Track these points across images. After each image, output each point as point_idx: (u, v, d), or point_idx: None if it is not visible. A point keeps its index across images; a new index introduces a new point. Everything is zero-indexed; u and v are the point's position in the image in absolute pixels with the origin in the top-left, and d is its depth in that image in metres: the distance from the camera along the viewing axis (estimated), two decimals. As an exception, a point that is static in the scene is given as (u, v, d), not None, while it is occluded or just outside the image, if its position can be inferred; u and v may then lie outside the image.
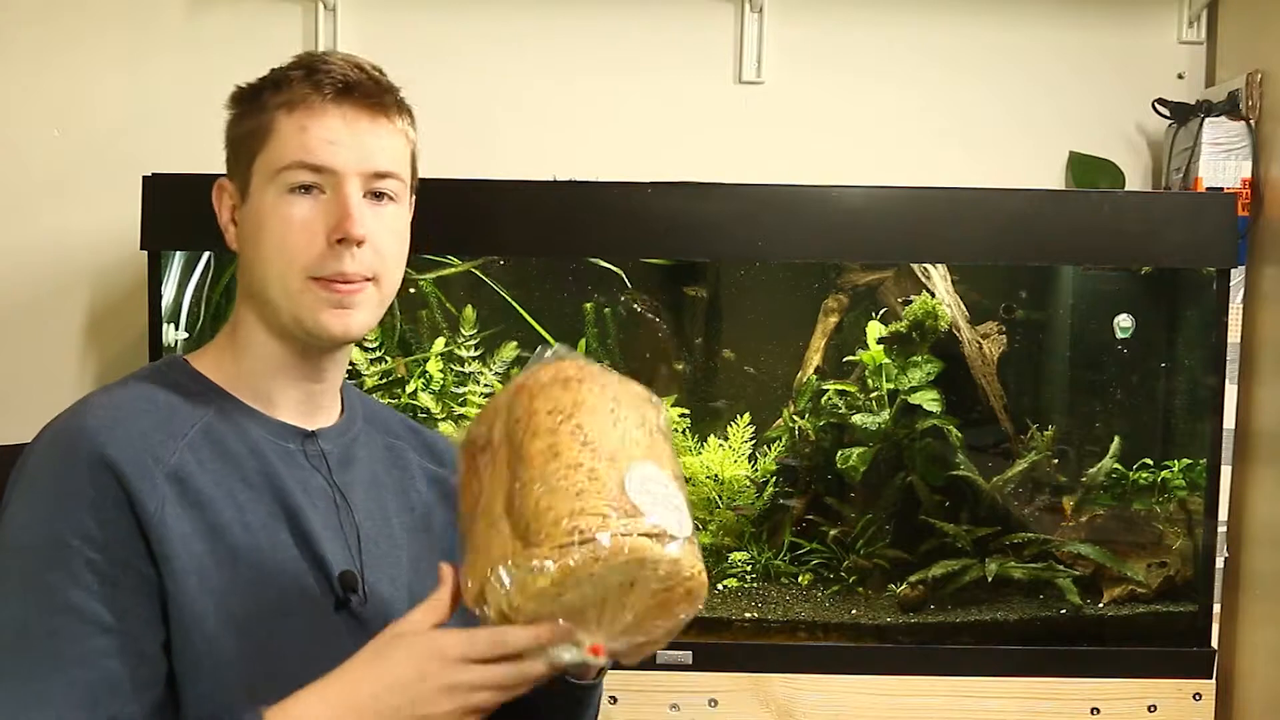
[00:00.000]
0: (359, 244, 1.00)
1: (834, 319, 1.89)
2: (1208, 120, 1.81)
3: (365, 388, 1.77)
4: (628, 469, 0.88)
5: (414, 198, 1.12)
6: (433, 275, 1.82)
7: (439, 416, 1.80)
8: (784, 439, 1.86)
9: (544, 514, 0.85)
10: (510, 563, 0.85)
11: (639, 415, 0.94)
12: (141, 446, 0.96)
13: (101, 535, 0.92)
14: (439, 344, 1.84)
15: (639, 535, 0.84)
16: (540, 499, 0.86)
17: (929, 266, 1.84)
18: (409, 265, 1.09)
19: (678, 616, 0.89)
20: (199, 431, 1.00)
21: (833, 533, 1.85)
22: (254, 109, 1.04)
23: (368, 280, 1.02)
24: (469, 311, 1.83)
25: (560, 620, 0.86)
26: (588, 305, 1.86)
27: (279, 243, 1.01)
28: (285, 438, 1.05)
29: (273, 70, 1.06)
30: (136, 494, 0.93)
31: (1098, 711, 1.72)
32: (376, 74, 1.05)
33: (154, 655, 0.94)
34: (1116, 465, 1.85)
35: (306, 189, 1.01)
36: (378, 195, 1.03)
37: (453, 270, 1.81)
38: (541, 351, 0.97)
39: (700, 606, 0.90)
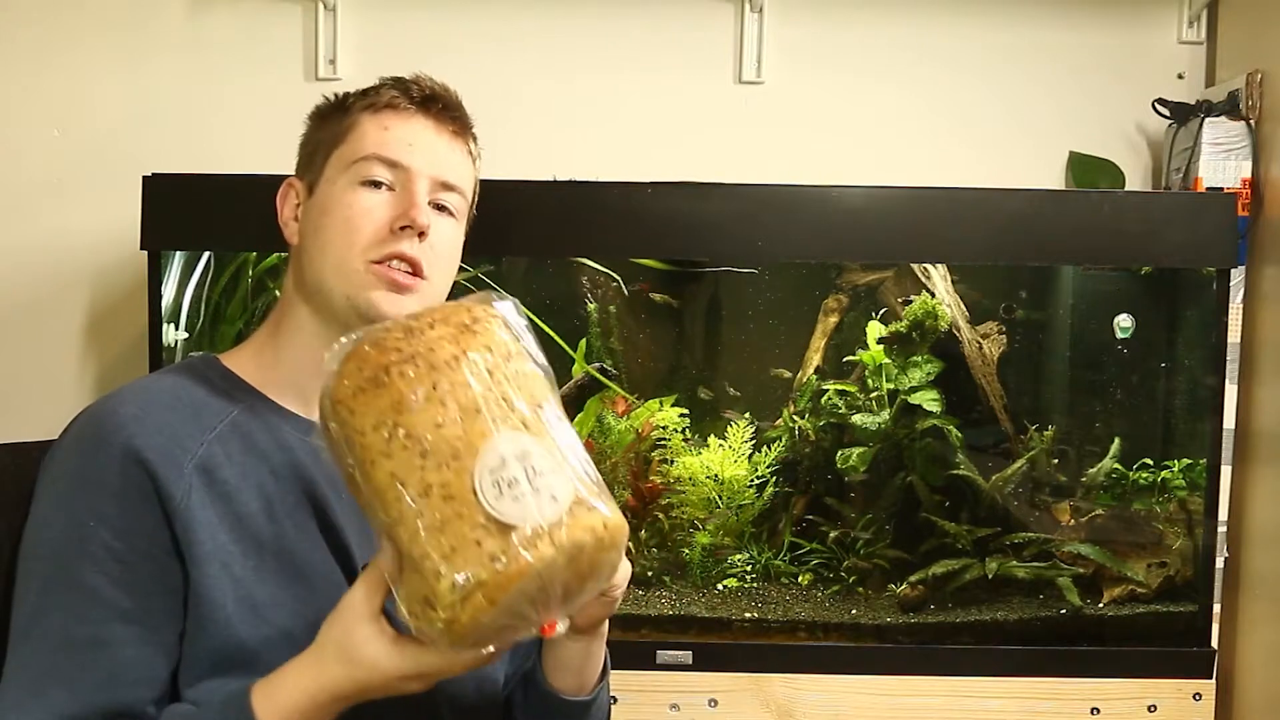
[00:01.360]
0: (420, 235, 1.04)
1: (834, 319, 1.89)
2: (1208, 120, 1.81)
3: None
4: (476, 468, 0.80)
5: (468, 233, 1.15)
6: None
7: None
8: (784, 439, 1.86)
9: (423, 565, 0.80)
10: (420, 617, 0.82)
11: (467, 366, 0.85)
12: (170, 438, 0.97)
13: (124, 523, 0.94)
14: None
15: (520, 555, 0.79)
16: (412, 548, 0.80)
17: (929, 266, 1.84)
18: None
19: (610, 562, 0.86)
20: (228, 425, 1.02)
21: (833, 533, 1.85)
22: (338, 113, 1.09)
23: (423, 277, 1.05)
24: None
25: (501, 634, 0.84)
26: (591, 306, 1.87)
27: (343, 227, 1.04)
28: (314, 435, 1.06)
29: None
30: (163, 484, 0.95)
31: (1098, 711, 1.72)
32: (459, 99, 1.12)
33: (169, 645, 0.95)
34: (1116, 465, 1.85)
35: (377, 185, 1.05)
36: (440, 207, 1.07)
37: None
38: (331, 355, 0.87)
39: (625, 543, 0.86)
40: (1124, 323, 1.84)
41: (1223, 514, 1.76)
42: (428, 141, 1.07)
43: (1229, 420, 1.76)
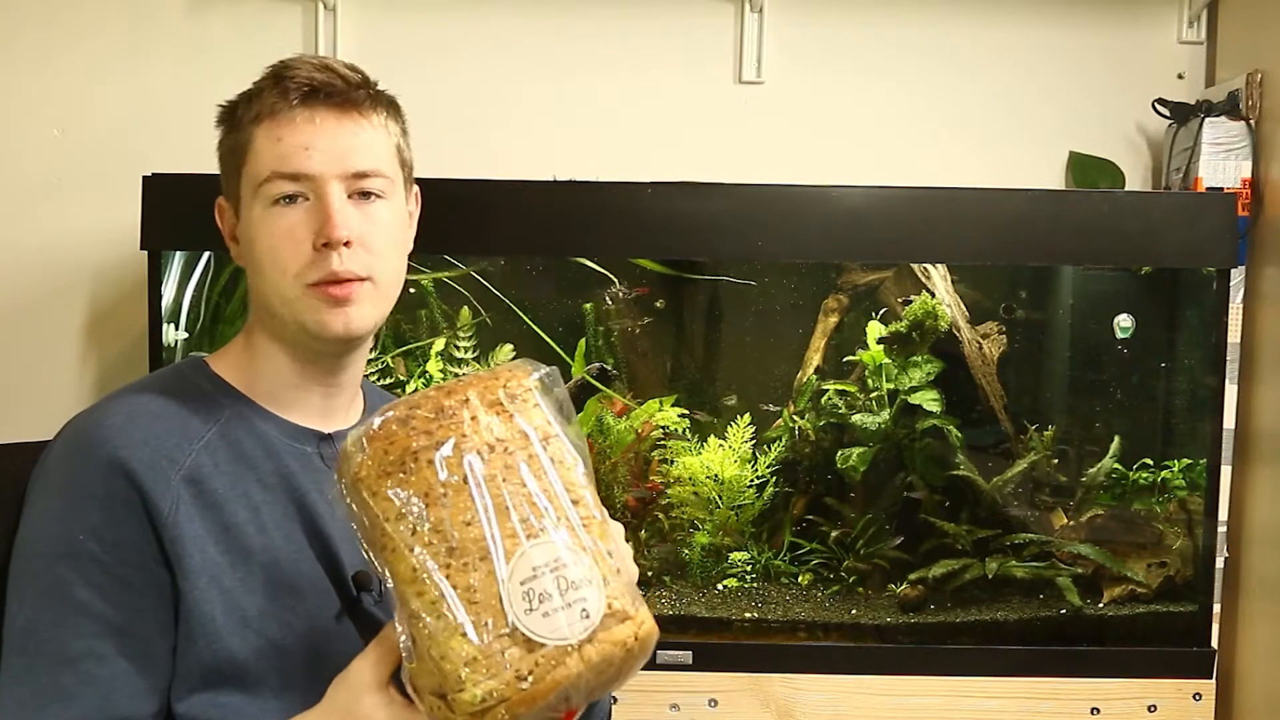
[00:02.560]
0: (345, 245, 1.00)
1: (834, 319, 1.89)
2: (1208, 120, 1.81)
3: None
4: (506, 576, 0.78)
5: (415, 189, 1.11)
6: (432, 276, 1.82)
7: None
8: (784, 439, 1.86)
9: (443, 666, 0.77)
10: (435, 709, 0.80)
11: (501, 457, 0.82)
12: (157, 449, 0.96)
13: (112, 536, 0.93)
14: (438, 343, 1.84)
15: (546, 675, 0.77)
16: (431, 646, 0.78)
17: (929, 266, 1.84)
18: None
19: (639, 666, 0.84)
20: (215, 434, 1.01)
21: (833, 533, 1.85)
22: (233, 127, 1.05)
23: (362, 280, 1.01)
24: (465, 313, 1.84)
25: None
26: (587, 305, 1.87)
27: (270, 255, 1.01)
28: (301, 440, 1.06)
29: (253, 84, 1.06)
30: (150, 496, 0.94)
31: (1098, 711, 1.72)
32: (346, 71, 1.03)
33: (163, 657, 0.95)
34: (1116, 465, 1.85)
35: (290, 199, 1.01)
36: (364, 194, 1.02)
37: (453, 274, 1.81)
38: (358, 434, 0.84)
39: (653, 646, 0.84)
40: (1124, 323, 1.84)
41: (1223, 514, 1.76)
42: (324, 139, 1.00)
43: (1229, 420, 1.76)
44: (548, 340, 1.83)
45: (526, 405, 0.86)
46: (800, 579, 1.85)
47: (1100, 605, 1.81)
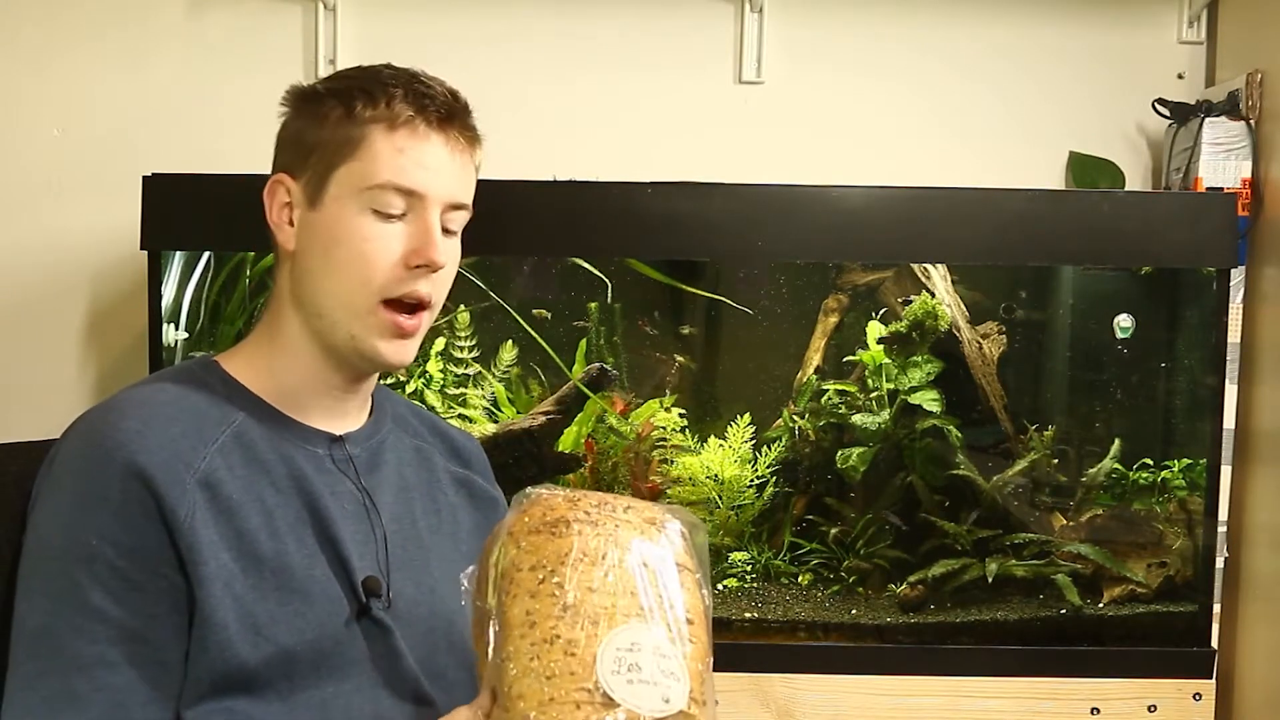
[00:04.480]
0: (435, 270, 1.01)
1: (834, 319, 1.89)
2: (1208, 120, 1.81)
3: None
4: (608, 639, 0.82)
5: None
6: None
7: (448, 417, 1.80)
8: (784, 439, 1.86)
9: (515, 705, 0.81)
10: None
11: (640, 555, 0.88)
12: (172, 453, 0.96)
13: (128, 541, 0.93)
14: (438, 344, 1.84)
15: None
16: (514, 684, 0.82)
17: (929, 266, 1.84)
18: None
19: None
20: (229, 436, 1.00)
21: (833, 532, 1.85)
22: (338, 116, 1.02)
23: (428, 307, 1.03)
24: (463, 313, 1.84)
25: None
26: (592, 305, 1.87)
27: (355, 260, 1.00)
28: (313, 443, 1.05)
29: (349, 75, 1.06)
30: (167, 502, 0.93)
31: (1098, 711, 1.72)
32: (467, 103, 1.05)
33: (176, 664, 0.94)
34: (1116, 465, 1.85)
35: (390, 213, 1.01)
36: (447, 229, 1.04)
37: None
38: (525, 493, 0.91)
39: None
40: (1124, 323, 1.84)
41: (1223, 514, 1.76)
42: (442, 164, 1.02)
43: (1229, 420, 1.76)
44: (540, 341, 1.83)
45: (675, 538, 0.92)
46: (800, 579, 1.85)
47: (1100, 605, 1.81)
